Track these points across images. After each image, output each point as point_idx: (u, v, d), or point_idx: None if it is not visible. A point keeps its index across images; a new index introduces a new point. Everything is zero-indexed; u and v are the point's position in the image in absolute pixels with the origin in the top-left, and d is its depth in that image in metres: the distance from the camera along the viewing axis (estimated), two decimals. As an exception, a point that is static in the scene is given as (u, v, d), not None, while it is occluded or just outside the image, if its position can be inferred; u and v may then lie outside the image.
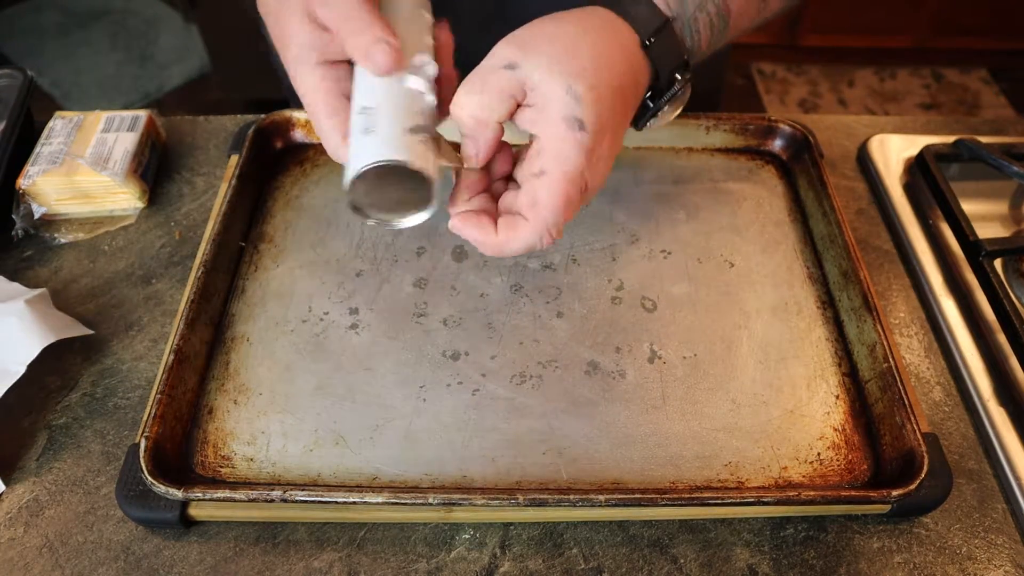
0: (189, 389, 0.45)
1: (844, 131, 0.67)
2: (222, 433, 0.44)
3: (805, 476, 0.43)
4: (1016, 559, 0.43)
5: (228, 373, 0.47)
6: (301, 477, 0.42)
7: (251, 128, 0.57)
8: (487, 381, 0.47)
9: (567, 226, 0.54)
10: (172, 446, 0.43)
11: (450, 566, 0.41)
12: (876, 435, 0.45)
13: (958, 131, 0.67)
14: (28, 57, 1.97)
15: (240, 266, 0.52)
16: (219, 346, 0.48)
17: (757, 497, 0.40)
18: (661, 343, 0.49)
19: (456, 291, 0.51)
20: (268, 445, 0.44)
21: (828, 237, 0.54)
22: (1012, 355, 0.49)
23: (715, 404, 0.46)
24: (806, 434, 0.45)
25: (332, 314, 0.50)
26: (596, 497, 0.39)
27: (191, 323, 0.46)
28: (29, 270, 0.54)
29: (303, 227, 0.55)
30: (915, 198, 0.61)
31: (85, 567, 0.41)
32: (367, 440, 0.44)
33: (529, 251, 0.41)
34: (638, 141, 0.60)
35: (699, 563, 0.42)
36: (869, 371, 0.47)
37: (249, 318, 0.49)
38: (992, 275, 0.52)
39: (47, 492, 0.44)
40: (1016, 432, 0.47)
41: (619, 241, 0.55)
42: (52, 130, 0.58)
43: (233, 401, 0.45)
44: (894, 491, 0.40)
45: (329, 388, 0.46)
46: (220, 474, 0.43)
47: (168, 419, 0.43)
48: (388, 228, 0.47)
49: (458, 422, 0.45)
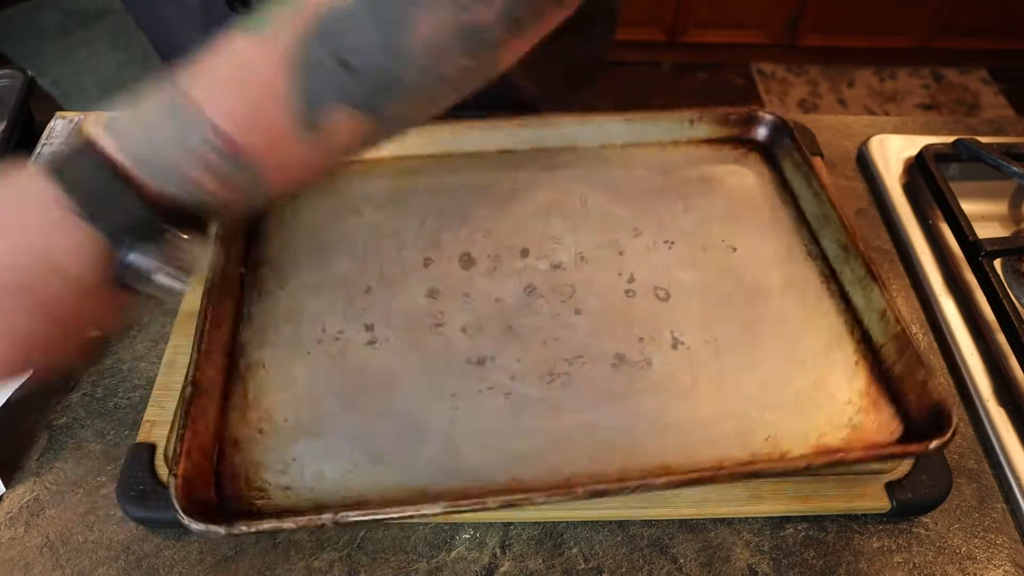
0: (211, 422, 0.43)
1: (844, 131, 0.67)
2: (252, 464, 0.42)
3: (842, 440, 0.44)
4: (1016, 559, 0.43)
5: (248, 402, 0.45)
6: (344, 500, 0.41)
7: None
8: (517, 383, 0.46)
9: (569, 225, 0.55)
10: (202, 482, 0.41)
11: (450, 566, 0.41)
12: (900, 395, 0.46)
13: (958, 131, 0.67)
14: (28, 57, 1.97)
15: (243, 292, 0.50)
16: (235, 375, 0.46)
17: (807, 463, 0.41)
18: (681, 330, 0.49)
19: (470, 298, 0.51)
20: (303, 472, 0.42)
21: (822, 215, 0.55)
22: (1012, 355, 0.49)
23: (744, 383, 0.47)
24: (835, 401, 0.46)
25: (347, 332, 0.48)
26: (654, 481, 0.39)
27: (206, 354, 0.44)
28: (29, 270, 0.54)
29: (301, 247, 0.53)
30: (915, 198, 0.61)
31: (85, 567, 0.41)
32: (406, 455, 0.43)
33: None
34: (626, 138, 0.61)
35: (699, 563, 0.42)
36: (882, 336, 0.48)
37: (262, 344, 0.48)
38: (992, 275, 0.52)
39: (47, 492, 0.44)
40: (1016, 432, 0.47)
41: (622, 236, 0.55)
42: (53, 130, 0.58)
43: (258, 431, 0.44)
44: (931, 442, 0.41)
45: (357, 407, 0.45)
46: (256, 506, 0.41)
47: (194, 454, 0.40)
48: None
49: (496, 426, 0.44)
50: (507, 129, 0.59)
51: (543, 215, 0.56)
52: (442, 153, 0.60)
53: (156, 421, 0.45)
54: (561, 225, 0.55)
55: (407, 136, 0.58)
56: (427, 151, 0.59)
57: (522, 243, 0.54)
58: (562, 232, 0.55)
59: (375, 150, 0.57)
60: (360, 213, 0.55)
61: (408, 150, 0.59)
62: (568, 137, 0.60)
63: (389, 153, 0.59)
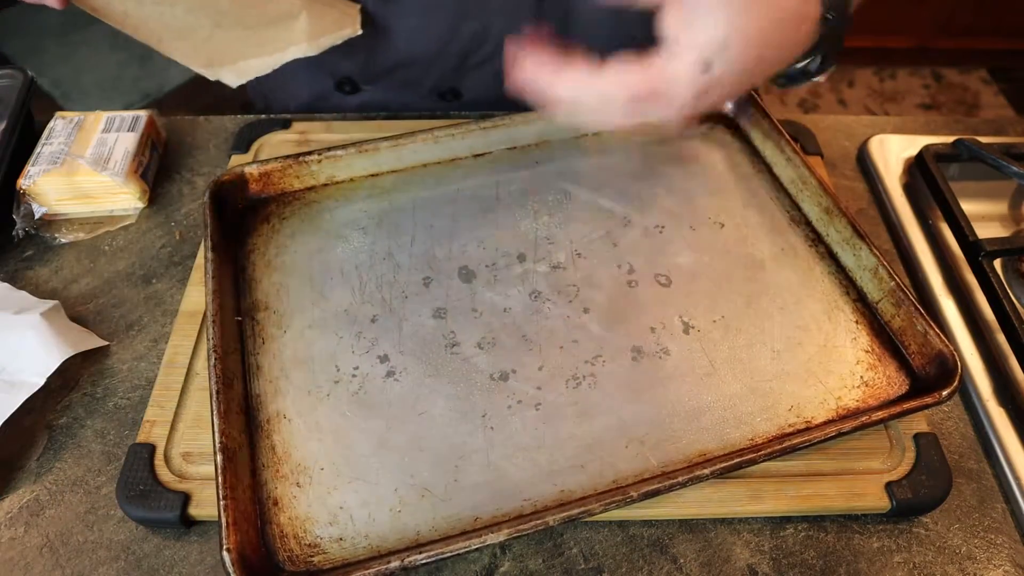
0: (247, 486, 0.41)
1: (844, 131, 0.67)
2: (298, 521, 0.40)
3: (858, 400, 0.46)
4: (1016, 559, 0.43)
5: (278, 457, 0.43)
6: (400, 541, 0.40)
7: (205, 195, 0.52)
8: (544, 393, 0.46)
9: (559, 223, 0.55)
10: (251, 549, 0.38)
11: (450, 566, 0.41)
12: (903, 347, 0.48)
13: (958, 131, 0.67)
14: (28, 57, 1.97)
15: (245, 343, 0.48)
16: (257, 432, 0.44)
17: (837, 430, 0.42)
18: (689, 313, 0.50)
19: (478, 312, 0.50)
20: (352, 519, 0.40)
21: (799, 180, 0.56)
22: (1012, 355, 0.49)
23: (758, 357, 0.48)
24: (844, 363, 0.48)
25: (363, 367, 0.47)
26: (701, 472, 0.40)
27: (225, 415, 0.42)
28: (29, 270, 0.54)
29: (295, 286, 0.51)
30: (915, 198, 0.61)
31: (85, 567, 0.41)
32: (452, 484, 0.42)
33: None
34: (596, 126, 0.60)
35: (699, 563, 0.42)
36: (877, 292, 0.50)
37: (277, 394, 0.45)
38: (992, 275, 0.52)
39: (47, 492, 0.44)
40: (1016, 432, 0.47)
41: (613, 227, 0.55)
42: (53, 130, 0.58)
43: (296, 484, 0.42)
44: (943, 391, 0.43)
45: (391, 443, 0.43)
46: (314, 564, 0.39)
47: (241, 524, 0.38)
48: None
49: (533, 440, 0.44)
50: (477, 132, 0.59)
51: (531, 216, 0.56)
52: (415, 165, 0.58)
53: (156, 421, 0.45)
54: (551, 223, 0.55)
55: (378, 153, 0.57)
56: (399, 166, 0.58)
57: (517, 248, 0.53)
58: (554, 231, 0.55)
59: (348, 171, 0.57)
60: (347, 240, 0.54)
61: (380, 167, 0.57)
62: (541, 133, 0.60)
63: (361, 173, 0.57)
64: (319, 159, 0.56)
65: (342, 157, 0.56)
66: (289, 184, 0.56)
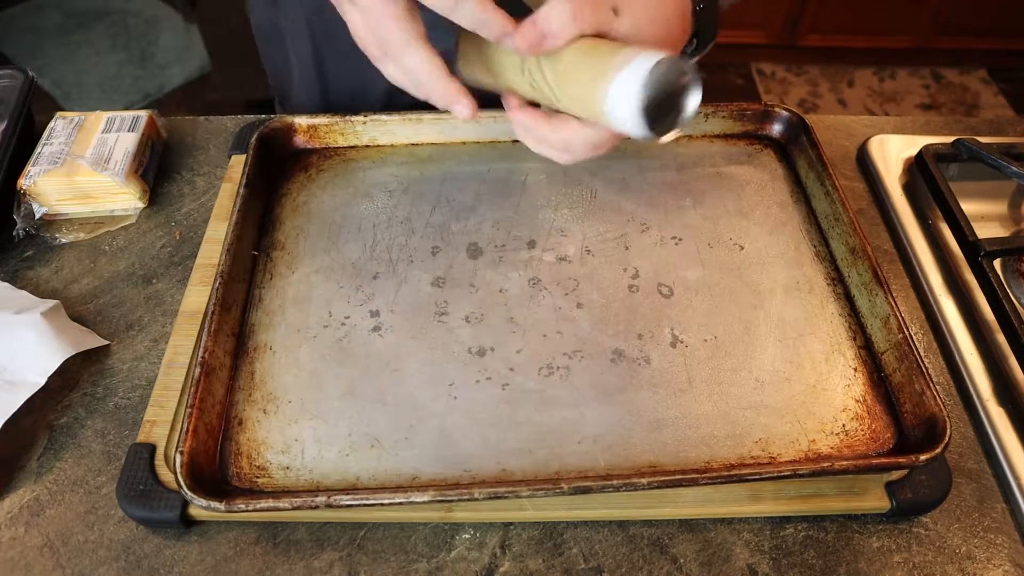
0: (217, 401, 0.44)
1: (844, 131, 0.67)
2: (255, 443, 0.44)
3: (833, 448, 0.44)
4: (1015, 558, 0.43)
5: (254, 383, 0.46)
6: (340, 482, 0.42)
7: (254, 136, 0.57)
8: (515, 375, 0.47)
9: (578, 218, 0.55)
10: (206, 459, 0.42)
11: (450, 566, 0.41)
12: (896, 404, 0.46)
13: (957, 131, 0.67)
14: (29, 57, 1.97)
15: (255, 275, 0.52)
16: (242, 356, 0.47)
17: (793, 470, 0.41)
18: (681, 327, 0.49)
19: (475, 288, 0.51)
20: (303, 452, 0.43)
21: (832, 216, 0.55)
22: (1012, 355, 0.49)
23: (740, 384, 0.47)
24: (829, 407, 0.46)
25: (353, 318, 0.49)
26: (639, 480, 0.40)
27: (215, 334, 0.45)
28: (30, 270, 0.54)
29: (314, 232, 0.54)
30: (914, 198, 0.61)
31: (86, 566, 0.41)
32: (402, 441, 0.44)
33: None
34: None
35: (699, 563, 0.42)
36: (884, 342, 0.48)
37: (270, 327, 0.49)
38: (991, 275, 0.52)
39: (48, 492, 0.44)
40: (1016, 432, 0.47)
41: (630, 230, 0.55)
42: (53, 130, 0.58)
43: (262, 411, 0.45)
44: (922, 455, 0.41)
45: (358, 391, 0.46)
46: (257, 484, 0.42)
47: (200, 432, 0.42)
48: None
49: (491, 417, 0.45)
50: None
51: (552, 207, 0.56)
52: (455, 142, 0.60)
53: (156, 421, 0.45)
54: (569, 217, 0.56)
55: (420, 123, 0.59)
56: (440, 139, 0.60)
57: (530, 235, 0.54)
58: (570, 224, 0.55)
59: (390, 137, 0.60)
60: (373, 199, 0.57)
61: (422, 138, 0.60)
62: None
63: (402, 140, 0.60)
64: (364, 120, 0.60)
65: (386, 122, 0.60)
66: (333, 140, 0.61)
